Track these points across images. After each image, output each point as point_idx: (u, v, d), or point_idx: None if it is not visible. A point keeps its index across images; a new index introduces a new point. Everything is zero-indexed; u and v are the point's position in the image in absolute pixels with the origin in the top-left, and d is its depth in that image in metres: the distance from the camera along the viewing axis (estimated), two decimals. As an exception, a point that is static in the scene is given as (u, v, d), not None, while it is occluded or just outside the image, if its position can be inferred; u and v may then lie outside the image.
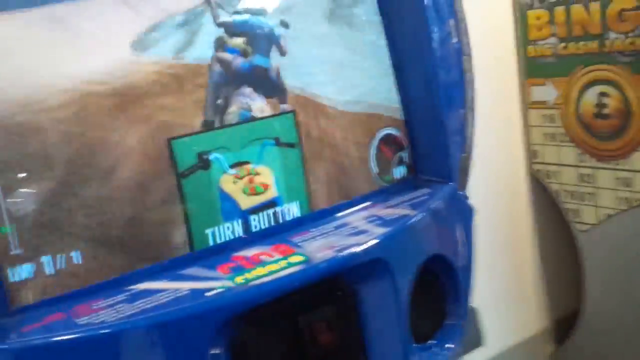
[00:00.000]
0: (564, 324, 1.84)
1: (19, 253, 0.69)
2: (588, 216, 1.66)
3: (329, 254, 0.83)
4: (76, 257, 0.72)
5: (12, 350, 0.64)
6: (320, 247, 0.84)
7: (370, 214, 0.92)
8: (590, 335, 1.73)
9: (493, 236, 1.69)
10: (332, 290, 0.85)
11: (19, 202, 0.69)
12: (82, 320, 0.69)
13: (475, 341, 1.62)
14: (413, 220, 0.90)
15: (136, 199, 0.77)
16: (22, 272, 0.69)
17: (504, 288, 1.77)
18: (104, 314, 0.70)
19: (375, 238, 0.85)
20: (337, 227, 0.89)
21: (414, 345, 0.92)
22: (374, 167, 0.97)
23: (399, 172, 1.00)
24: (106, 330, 0.68)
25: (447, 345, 0.98)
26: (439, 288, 0.99)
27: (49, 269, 0.71)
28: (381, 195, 0.97)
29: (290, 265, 0.80)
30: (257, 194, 0.86)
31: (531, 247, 1.83)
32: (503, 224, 1.75)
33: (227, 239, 0.84)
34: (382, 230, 0.87)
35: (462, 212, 1.00)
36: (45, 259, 0.70)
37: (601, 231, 1.63)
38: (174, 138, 0.79)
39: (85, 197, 0.73)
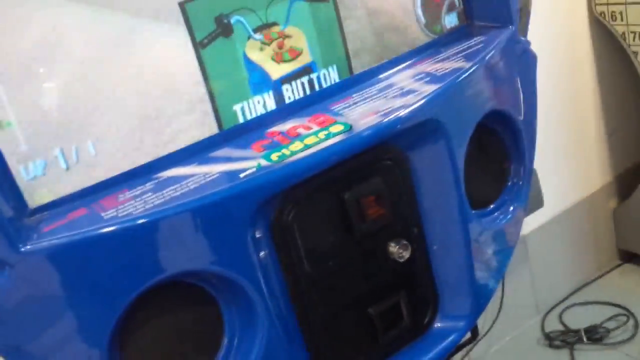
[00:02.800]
0: (627, 178, 1.74)
1: (28, 149, 0.62)
2: (657, 57, 1.51)
3: (373, 119, 0.73)
4: (90, 148, 0.65)
5: (35, 252, 0.58)
6: (364, 113, 0.75)
7: (418, 71, 0.82)
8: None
9: (552, 87, 1.56)
10: (379, 160, 0.76)
11: (23, 96, 0.62)
12: (108, 213, 0.63)
13: (536, 202, 1.54)
14: (467, 73, 0.79)
15: (152, 78, 0.68)
16: (34, 168, 0.63)
17: (563, 143, 1.65)
18: (131, 205, 0.64)
19: (425, 97, 0.75)
20: (381, 90, 0.79)
21: (473, 211, 0.84)
22: (421, 17, 0.85)
23: (450, 20, 0.88)
24: (135, 222, 0.62)
25: (511, 208, 0.90)
26: (499, 147, 0.90)
27: (62, 163, 0.64)
28: (430, 48, 0.86)
29: (331, 135, 0.72)
30: (288, 60, 0.76)
31: (593, 97, 1.69)
32: (563, 73, 1.60)
33: (258, 114, 0.75)
34: (432, 88, 0.77)
35: (523, 61, 0.89)
36: (57, 152, 0.63)
37: (672, 72, 1.49)
38: (187, 0, 0.69)
39: (96, 84, 0.65)
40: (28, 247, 0.59)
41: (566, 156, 1.67)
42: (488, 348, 1.60)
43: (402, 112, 0.74)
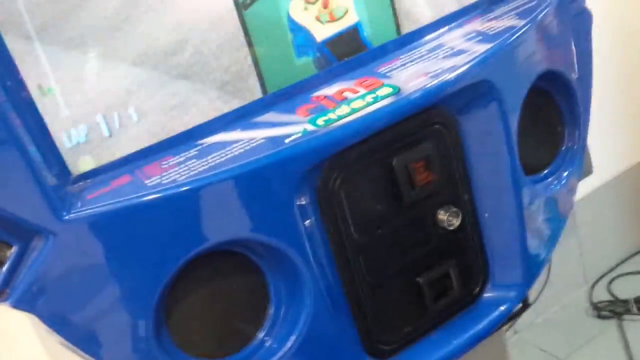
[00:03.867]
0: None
1: (70, 115, 0.60)
2: None
3: (423, 81, 0.70)
4: (133, 114, 0.63)
5: (79, 220, 0.57)
6: (413, 75, 0.71)
7: (468, 30, 0.78)
8: None
9: (606, 49, 1.49)
10: (429, 124, 0.73)
11: (65, 61, 0.60)
12: (153, 180, 0.61)
13: (584, 169, 1.48)
14: (521, 32, 0.75)
15: (195, 41, 0.66)
16: (77, 135, 0.61)
17: (612, 109, 1.59)
18: (175, 172, 0.62)
19: (476, 57, 0.72)
20: (430, 50, 0.76)
21: (526, 177, 0.81)
22: (470, -27, 0.81)
23: (501, -24, 0.83)
24: (182, 189, 0.60)
25: (565, 173, 0.86)
26: (554, 110, 0.85)
27: (105, 129, 0.62)
28: (481, 6, 0.81)
29: (379, 99, 0.69)
30: (334, 20, 0.73)
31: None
32: (617, 36, 1.53)
33: (304, 76, 0.72)
34: (484, 48, 0.73)
35: (578, 20, 0.84)
36: (99, 118, 0.62)
37: None
38: (227, -39, 0.66)
39: (136, 48, 0.63)
40: (72, 215, 0.58)
41: (615, 122, 1.61)
42: (535, 318, 1.57)
43: (453, 74, 0.70)
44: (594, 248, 1.64)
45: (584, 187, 1.56)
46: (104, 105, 0.62)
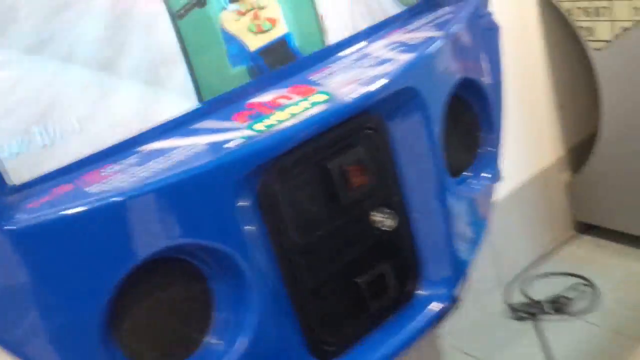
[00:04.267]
0: (579, 151, 1.79)
1: (4, 126, 0.59)
2: (602, 32, 1.56)
3: (353, 88, 0.74)
4: (72, 124, 0.63)
5: (21, 230, 0.56)
6: (343, 83, 0.75)
7: (391, 40, 0.82)
8: (606, 160, 1.68)
9: (503, 63, 1.59)
10: (361, 129, 0.76)
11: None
12: (93, 188, 0.61)
13: (493, 177, 1.57)
14: (439, 42, 0.80)
15: (132, 51, 0.66)
16: (11, 146, 0.60)
17: (515, 120, 1.69)
18: (116, 179, 0.62)
19: (401, 65, 0.76)
20: (357, 59, 0.79)
21: (450, 178, 0.85)
22: (390, -12, 0.85)
23: (418, -10, 0.89)
24: (122, 198, 0.60)
25: (483, 175, 0.92)
26: (471, 116, 0.91)
27: (41, 140, 0.61)
28: (400, 19, 0.86)
29: (314, 104, 0.72)
30: (264, 31, 0.75)
31: (543, 73, 1.74)
32: (511, 50, 1.64)
33: (239, 85, 0.74)
34: (407, 57, 0.78)
35: (488, 31, 0.90)
36: (35, 129, 0.61)
37: (617, 47, 1.54)
38: (160, -27, 0.67)
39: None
40: (11, 225, 0.56)
41: (520, 131, 1.71)
42: (454, 324, 1.63)
43: (382, 80, 0.74)
44: (505, 252, 1.72)
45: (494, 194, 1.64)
46: (41, 115, 0.61)
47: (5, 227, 0.56)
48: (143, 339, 0.66)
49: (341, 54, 0.81)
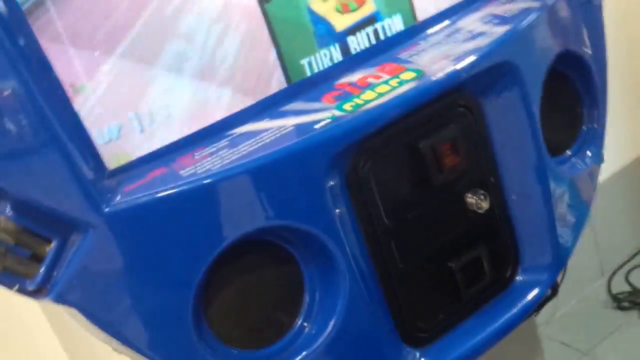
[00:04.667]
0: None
1: (102, 112, 0.61)
2: None
3: (445, 64, 0.71)
4: (164, 109, 0.64)
5: (118, 212, 0.57)
6: (434, 59, 0.72)
7: (485, 13, 0.79)
8: None
9: (609, 40, 1.50)
10: (453, 107, 0.74)
11: (97, 59, 0.61)
12: (187, 171, 0.61)
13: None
14: (538, 13, 0.76)
15: (220, 36, 0.66)
16: (109, 131, 0.62)
17: (619, 97, 1.60)
18: (208, 162, 0.62)
19: (496, 39, 0.73)
20: (449, 35, 0.76)
21: (551, 158, 0.81)
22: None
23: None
24: (213, 179, 0.61)
25: (587, 153, 0.87)
26: (572, 91, 0.86)
27: (137, 125, 0.63)
28: (494, -9, 0.82)
29: (403, 83, 0.70)
30: (352, 10, 0.74)
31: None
32: (616, 21, 1.55)
33: (326, 66, 0.73)
34: (503, 30, 0.74)
35: (589, 3, 0.85)
36: (131, 115, 0.62)
37: None
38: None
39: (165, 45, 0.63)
40: (110, 207, 0.58)
41: (624, 109, 1.62)
42: (553, 312, 1.57)
43: (475, 56, 0.71)
44: (609, 239, 1.63)
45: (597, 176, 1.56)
46: (136, 102, 0.63)
47: (105, 210, 0.57)
48: (234, 321, 0.67)
49: (432, 29, 0.78)
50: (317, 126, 0.65)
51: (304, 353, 0.68)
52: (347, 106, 0.67)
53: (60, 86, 0.58)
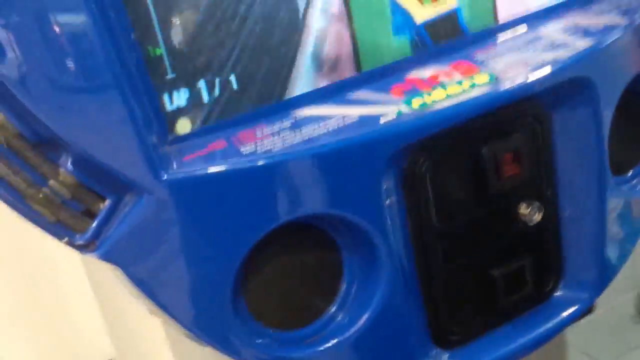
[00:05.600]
0: None
1: (174, 77, 0.61)
2: None
3: (520, 72, 0.69)
4: (233, 81, 0.63)
5: (176, 180, 0.58)
6: (510, 65, 0.70)
7: (570, 23, 0.76)
8: None
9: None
10: (522, 116, 0.72)
11: (173, 25, 0.60)
12: (246, 148, 0.61)
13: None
14: (622, 30, 0.73)
15: (291, 12, 0.65)
16: (178, 98, 0.61)
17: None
18: (269, 142, 0.62)
19: (578, 53, 0.70)
20: (529, 41, 0.74)
21: (612, 177, 0.79)
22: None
23: (604, -29, 0.81)
24: (272, 160, 0.61)
25: (649, 176, 0.84)
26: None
27: (205, 95, 0.62)
28: (580, 1, 0.79)
29: (474, 86, 0.68)
30: (434, 3, 0.72)
31: None
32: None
33: (399, 57, 0.71)
34: (585, 44, 0.71)
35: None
36: (201, 84, 0.62)
37: None
38: None
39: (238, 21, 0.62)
40: (169, 175, 0.58)
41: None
42: (580, 324, 1.55)
43: (553, 67, 0.69)
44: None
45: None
46: (207, 71, 0.62)
47: (162, 177, 0.58)
48: (269, 300, 0.67)
49: (513, 33, 0.75)
50: (382, 120, 0.64)
51: (333, 341, 0.69)
52: (415, 103, 0.66)
53: (135, 49, 0.58)
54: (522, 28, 0.75)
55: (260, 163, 0.60)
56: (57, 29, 0.52)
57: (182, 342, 0.67)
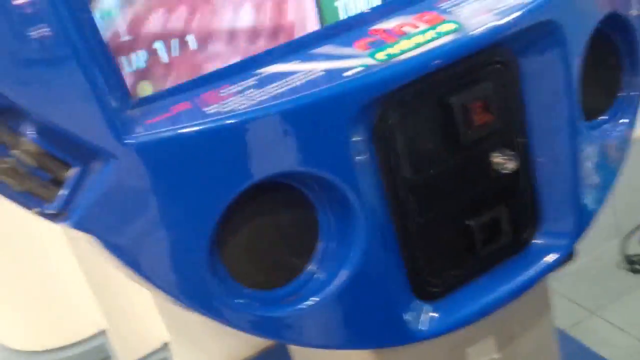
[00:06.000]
0: None
1: (129, 39, 0.59)
2: None
3: (486, 19, 0.68)
4: (191, 41, 0.62)
5: (140, 144, 0.57)
6: (475, 12, 0.69)
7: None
8: None
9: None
10: (490, 63, 0.71)
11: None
12: (211, 108, 0.60)
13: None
14: (588, -29, 0.72)
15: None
16: (137, 60, 0.60)
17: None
18: (233, 101, 0.61)
19: (542, -4, 0.69)
20: (494, -14, 0.73)
21: (583, 123, 0.79)
22: None
23: None
24: (239, 119, 0.60)
25: (621, 121, 0.84)
26: (613, 56, 0.83)
27: (163, 56, 0.61)
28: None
29: (440, 35, 0.67)
30: (394, -49, 0.70)
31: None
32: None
33: (362, 10, 0.70)
34: (550, -14, 0.70)
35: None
36: (158, 45, 0.61)
37: None
38: None
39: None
40: (132, 139, 0.57)
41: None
42: (564, 270, 1.56)
43: (519, 12, 0.68)
44: (627, 200, 1.62)
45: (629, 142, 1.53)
46: (164, 32, 0.61)
47: (126, 141, 0.57)
48: (247, 260, 0.67)
49: (477, -20, 0.74)
50: (346, 74, 0.63)
51: (313, 298, 0.69)
52: (381, 55, 0.65)
53: (87, 10, 0.57)
54: (487, -26, 0.74)
55: (227, 122, 0.59)
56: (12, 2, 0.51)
57: (171, 309, 0.67)
